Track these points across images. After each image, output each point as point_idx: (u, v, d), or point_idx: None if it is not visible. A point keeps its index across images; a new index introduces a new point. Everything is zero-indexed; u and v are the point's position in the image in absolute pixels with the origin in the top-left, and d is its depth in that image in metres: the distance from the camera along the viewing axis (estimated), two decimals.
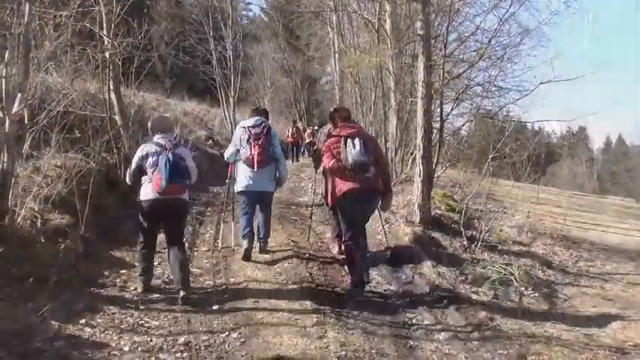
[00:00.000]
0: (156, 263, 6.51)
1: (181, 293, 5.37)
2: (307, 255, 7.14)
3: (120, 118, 9.64)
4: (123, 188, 8.88)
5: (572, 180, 61.26)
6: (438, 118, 9.11)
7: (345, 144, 5.95)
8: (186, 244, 7.52)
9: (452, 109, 10.15)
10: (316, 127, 22.63)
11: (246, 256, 6.87)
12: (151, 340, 4.51)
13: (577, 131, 76.29)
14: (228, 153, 7.29)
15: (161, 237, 5.97)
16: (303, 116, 32.91)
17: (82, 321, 4.70)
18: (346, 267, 6.55)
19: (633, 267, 9.03)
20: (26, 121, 6.38)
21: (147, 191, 5.52)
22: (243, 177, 6.98)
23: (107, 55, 9.27)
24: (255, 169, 6.80)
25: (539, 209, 11.66)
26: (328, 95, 31.76)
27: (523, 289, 6.23)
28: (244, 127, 6.99)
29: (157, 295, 5.58)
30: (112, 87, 9.53)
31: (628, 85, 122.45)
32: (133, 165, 5.65)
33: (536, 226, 10.05)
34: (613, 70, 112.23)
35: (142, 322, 4.89)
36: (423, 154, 8.29)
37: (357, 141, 5.91)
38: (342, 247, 6.53)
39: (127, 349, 4.31)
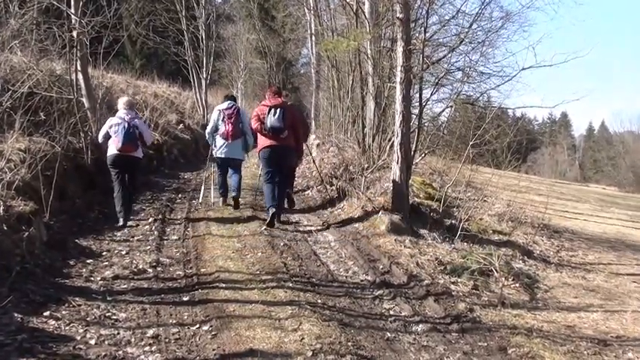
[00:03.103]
0: (124, 252, 6.51)
1: (121, 221, 7.64)
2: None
3: (87, 101, 9.43)
4: (89, 173, 8.72)
5: (554, 167, 62.02)
6: (417, 104, 8.98)
7: (269, 112, 8.14)
8: (156, 233, 7.45)
9: (431, 94, 9.95)
10: None
11: (224, 201, 9.30)
12: (119, 333, 4.34)
13: (559, 118, 77.19)
14: (208, 129, 9.39)
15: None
16: None
17: (46, 313, 4.52)
18: (265, 196, 8.45)
19: (615, 257, 9.13)
20: None
21: (111, 149, 7.75)
22: (219, 147, 9.07)
23: (75, 34, 9.01)
24: (229, 142, 8.94)
25: (519, 198, 11.68)
26: (304, 78, 31.43)
27: (503, 279, 6.16)
28: (220, 110, 9.13)
29: (125, 286, 5.42)
30: (79, 68, 9.31)
31: (612, 71, 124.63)
32: (103, 131, 7.85)
33: (516, 215, 10.08)
34: (597, 55, 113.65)
35: (109, 314, 4.72)
36: (401, 140, 8.14)
37: (278, 111, 8.16)
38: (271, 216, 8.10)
39: (93, 342, 4.14)
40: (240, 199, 9.29)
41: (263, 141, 8.34)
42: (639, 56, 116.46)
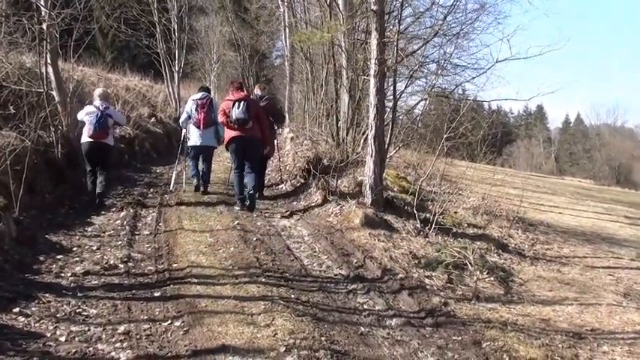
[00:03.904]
0: (95, 248, 6.44)
1: (97, 200, 8.31)
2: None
3: (57, 94, 9.30)
4: (60, 168, 8.62)
5: (529, 161, 62.45)
6: (391, 97, 9.01)
7: (234, 105, 8.63)
8: (127, 228, 7.39)
9: (405, 87, 10.00)
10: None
11: (197, 188, 9.79)
12: (89, 330, 4.31)
13: (535, 111, 77.73)
14: (182, 119, 10.15)
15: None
16: (252, 92, 32.30)
17: (16, 309, 4.47)
18: (234, 186, 9.10)
19: (591, 250, 9.21)
20: None
21: (84, 137, 8.37)
22: (192, 135, 9.78)
23: (44, 26, 8.89)
24: (202, 130, 9.62)
25: (494, 191, 11.68)
26: (278, 71, 31.27)
27: (478, 273, 6.17)
28: (193, 100, 9.85)
29: (96, 282, 5.37)
30: (49, 60, 9.16)
31: (588, 64, 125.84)
32: (81, 115, 8.51)
33: (491, 208, 10.09)
34: (573, 48, 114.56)
35: (80, 310, 4.67)
36: (375, 133, 8.13)
37: (242, 104, 8.65)
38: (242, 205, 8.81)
39: (63, 339, 4.11)
40: (210, 190, 9.87)
41: (229, 132, 8.83)
42: (637, 56, 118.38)
